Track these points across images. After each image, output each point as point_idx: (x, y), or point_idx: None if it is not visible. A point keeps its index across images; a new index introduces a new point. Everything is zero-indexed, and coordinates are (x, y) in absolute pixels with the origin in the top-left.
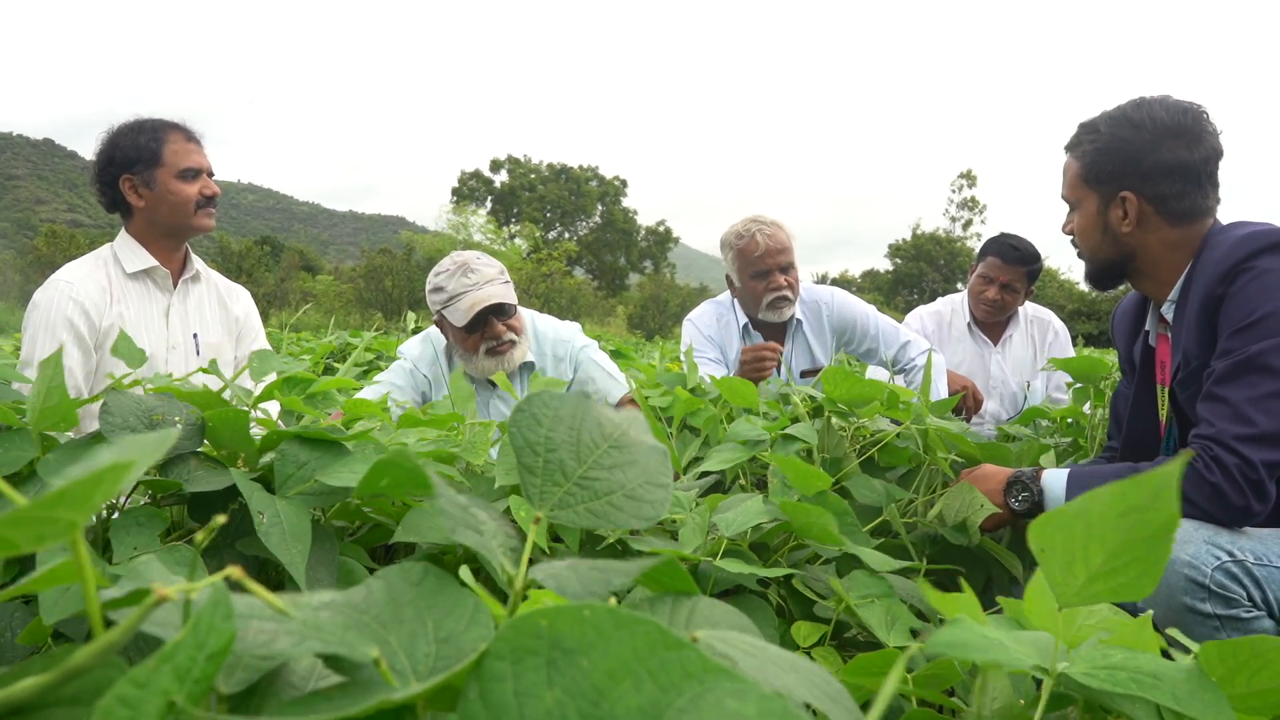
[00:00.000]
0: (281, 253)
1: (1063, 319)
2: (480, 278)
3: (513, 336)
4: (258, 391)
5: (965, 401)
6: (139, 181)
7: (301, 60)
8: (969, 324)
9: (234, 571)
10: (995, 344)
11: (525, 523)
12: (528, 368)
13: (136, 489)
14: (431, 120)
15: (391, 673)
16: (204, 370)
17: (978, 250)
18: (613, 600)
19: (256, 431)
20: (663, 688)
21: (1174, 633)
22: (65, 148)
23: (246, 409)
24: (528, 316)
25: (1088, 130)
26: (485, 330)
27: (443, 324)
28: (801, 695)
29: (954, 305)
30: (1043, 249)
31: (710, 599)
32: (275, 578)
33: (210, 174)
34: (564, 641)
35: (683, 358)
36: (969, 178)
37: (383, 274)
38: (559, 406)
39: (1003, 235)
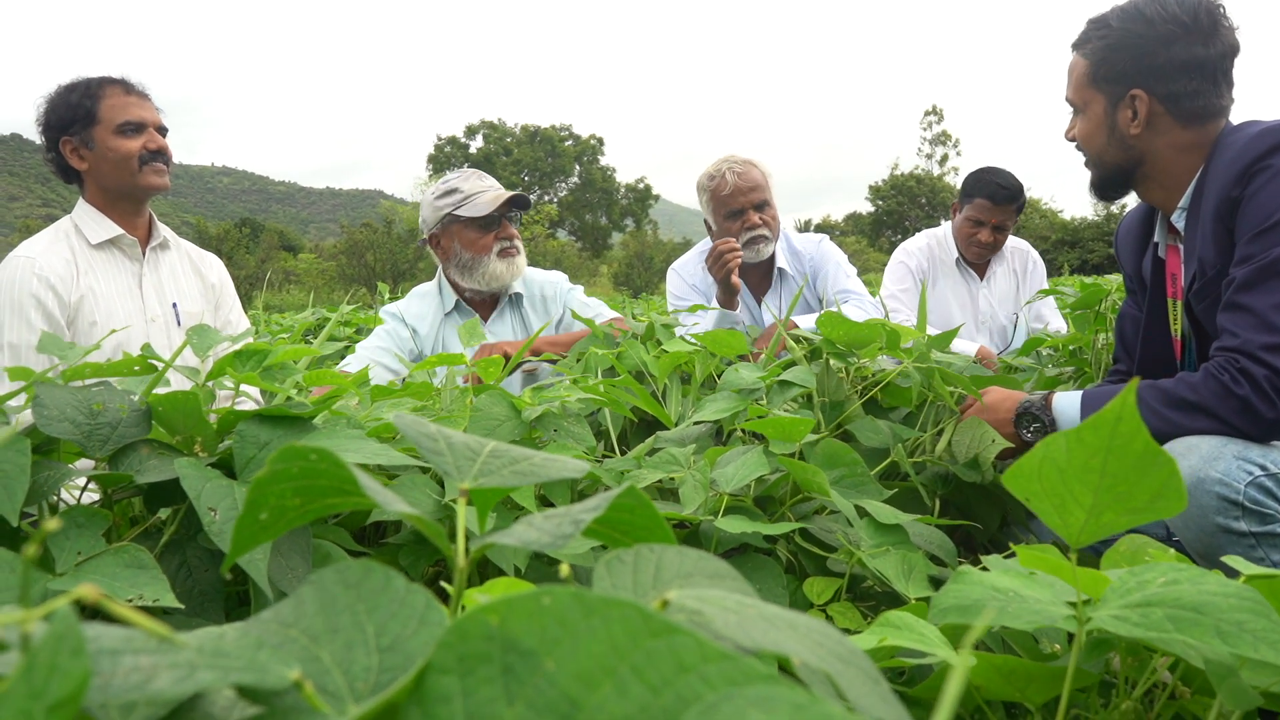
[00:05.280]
0: (260, 234)
1: (1047, 249)
2: (494, 182)
3: (519, 244)
4: (207, 368)
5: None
6: (78, 142)
7: (270, 42)
8: (957, 260)
9: (87, 591)
10: (981, 278)
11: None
12: (518, 299)
13: (88, 485)
14: (403, 91)
15: (321, 695)
16: (143, 357)
17: (960, 187)
18: (565, 568)
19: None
20: (653, 688)
21: (1231, 560)
22: (35, 142)
23: (196, 389)
24: None
25: (1098, 26)
26: (499, 231)
27: (444, 237)
28: (802, 656)
29: (938, 239)
30: (1022, 179)
31: (679, 548)
32: None
33: (161, 129)
34: (521, 641)
35: (670, 306)
36: (936, 113)
37: (364, 249)
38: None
39: (985, 172)
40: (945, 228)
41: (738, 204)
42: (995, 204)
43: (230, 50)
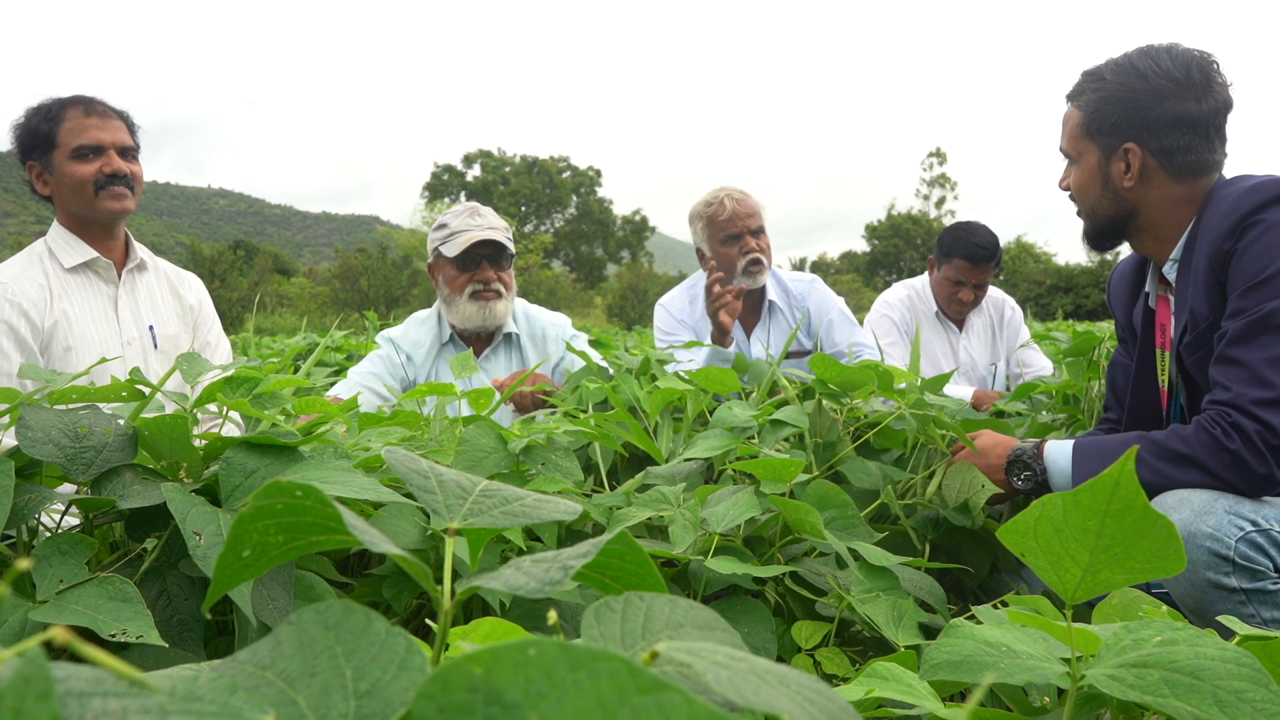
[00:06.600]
0: (255, 256)
1: (1041, 294)
2: (485, 222)
3: (500, 288)
4: (196, 394)
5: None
6: (41, 168)
7: (270, 65)
8: (936, 313)
9: (58, 633)
10: (960, 330)
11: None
12: (513, 339)
13: (69, 509)
14: (403, 118)
15: None
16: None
17: (937, 244)
18: (553, 615)
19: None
20: None
21: (1225, 619)
22: None
23: (184, 414)
24: (520, 303)
25: (1092, 79)
26: (475, 273)
27: (436, 268)
28: (793, 714)
29: (916, 291)
30: (1017, 224)
31: (669, 596)
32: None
33: (125, 150)
34: (505, 694)
35: (657, 340)
36: (939, 155)
37: (358, 274)
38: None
39: (961, 231)
40: (923, 280)
41: (736, 229)
42: (974, 264)
43: (233, 72)
